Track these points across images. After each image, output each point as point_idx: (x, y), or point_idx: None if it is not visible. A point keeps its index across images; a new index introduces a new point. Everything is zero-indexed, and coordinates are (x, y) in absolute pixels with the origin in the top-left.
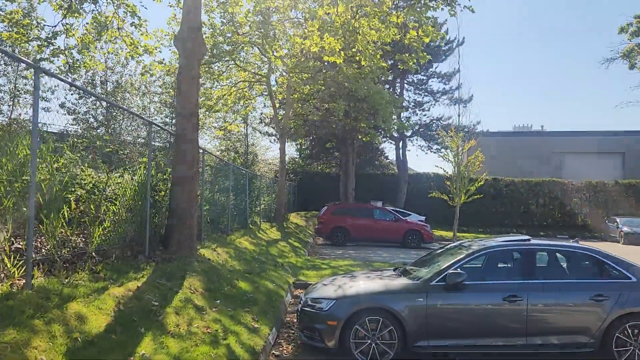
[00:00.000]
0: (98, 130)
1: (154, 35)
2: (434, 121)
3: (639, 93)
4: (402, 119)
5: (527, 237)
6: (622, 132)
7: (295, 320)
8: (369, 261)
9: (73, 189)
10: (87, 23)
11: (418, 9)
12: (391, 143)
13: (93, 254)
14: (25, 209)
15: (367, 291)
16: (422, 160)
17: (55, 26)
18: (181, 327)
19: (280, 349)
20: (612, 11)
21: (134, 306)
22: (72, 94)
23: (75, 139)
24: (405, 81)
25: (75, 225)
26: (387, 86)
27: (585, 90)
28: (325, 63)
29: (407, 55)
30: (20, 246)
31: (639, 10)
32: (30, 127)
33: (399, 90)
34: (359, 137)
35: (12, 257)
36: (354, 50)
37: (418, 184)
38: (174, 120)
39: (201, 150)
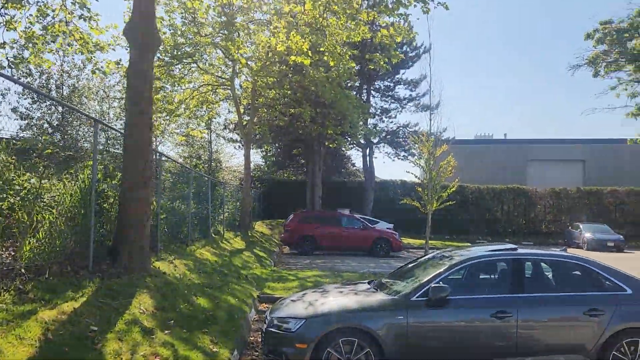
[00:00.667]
0: (55, 135)
1: (107, 30)
2: (401, 128)
3: (604, 100)
4: (369, 126)
5: (513, 245)
6: (583, 140)
7: (260, 339)
8: (337, 271)
9: (4, 196)
10: (30, 15)
11: (390, 6)
12: (358, 150)
13: (22, 270)
14: None
15: (340, 309)
16: (389, 167)
17: None
18: (123, 355)
19: None
20: (583, 16)
21: (66, 333)
22: (24, 98)
23: (14, 141)
24: (372, 88)
25: (1, 237)
26: (354, 92)
27: (553, 97)
28: (292, 67)
29: (378, 54)
30: None
31: (607, 16)
32: None
33: (365, 96)
34: (326, 143)
35: None
36: (322, 49)
37: (385, 191)
38: None
39: (157, 154)
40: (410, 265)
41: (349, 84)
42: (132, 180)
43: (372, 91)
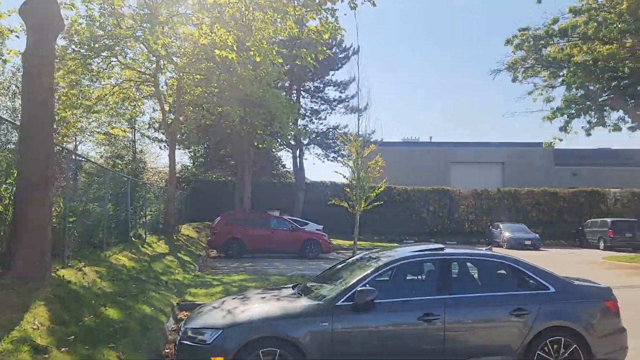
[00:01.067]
0: None
1: (8, 14)
2: (331, 129)
3: (523, 104)
4: (300, 127)
5: (439, 245)
6: (502, 143)
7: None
8: (265, 274)
9: None
10: None
11: (317, 0)
12: (288, 151)
13: None
14: None
15: (261, 316)
16: (320, 168)
17: None
18: None
19: None
20: (508, 20)
21: None
22: None
23: None
24: (301, 89)
25: None
26: (284, 93)
27: (477, 100)
28: (219, 65)
29: (304, 50)
30: None
31: (529, 21)
32: None
33: (295, 97)
34: (255, 143)
35: None
36: (247, 44)
37: (315, 192)
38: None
39: (64, 150)
40: (337, 268)
41: (278, 84)
42: (31, 178)
43: (302, 92)
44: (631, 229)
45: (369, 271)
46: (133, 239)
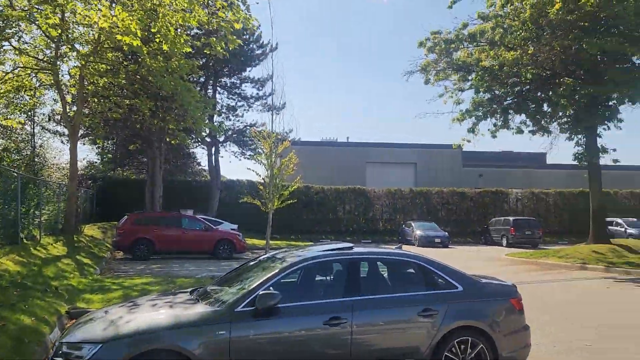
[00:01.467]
0: None
1: None
2: (248, 127)
3: (434, 106)
4: (215, 123)
5: (349, 244)
6: (415, 144)
7: None
8: (172, 276)
9: None
10: None
11: None
12: (203, 148)
13: None
14: None
15: (149, 327)
16: (236, 166)
17: None
18: None
19: None
20: (426, 21)
21: None
22: None
23: None
24: (218, 84)
25: None
26: (199, 88)
27: (394, 101)
28: (128, 55)
29: (214, 38)
30: None
31: (442, 24)
32: None
33: (211, 92)
34: (167, 139)
35: None
36: (153, 30)
37: (231, 191)
38: None
39: None
40: (241, 269)
41: (192, 78)
42: None
43: (218, 87)
44: (530, 227)
45: (272, 273)
46: (25, 241)
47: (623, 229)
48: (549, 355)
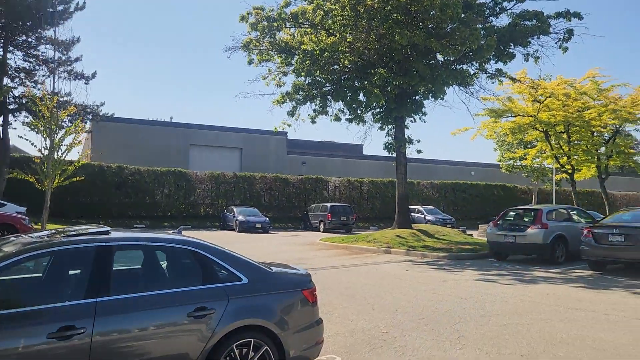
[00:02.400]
0: None
1: None
2: (49, 96)
3: (257, 86)
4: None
5: (105, 228)
6: (241, 128)
7: None
8: None
9: None
10: None
11: None
12: None
13: None
14: None
15: None
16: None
17: None
18: None
19: None
20: None
21: None
22: None
23: None
24: (10, 43)
25: None
26: None
27: (217, 79)
28: None
29: None
30: None
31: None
32: None
33: (1, 52)
34: None
35: None
36: None
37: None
38: None
39: None
40: None
41: None
42: None
43: (10, 47)
44: (345, 213)
45: None
46: None
47: (422, 216)
48: (344, 348)
